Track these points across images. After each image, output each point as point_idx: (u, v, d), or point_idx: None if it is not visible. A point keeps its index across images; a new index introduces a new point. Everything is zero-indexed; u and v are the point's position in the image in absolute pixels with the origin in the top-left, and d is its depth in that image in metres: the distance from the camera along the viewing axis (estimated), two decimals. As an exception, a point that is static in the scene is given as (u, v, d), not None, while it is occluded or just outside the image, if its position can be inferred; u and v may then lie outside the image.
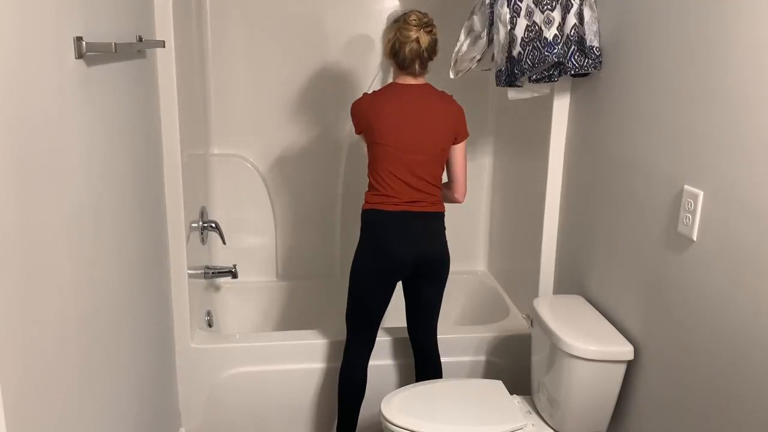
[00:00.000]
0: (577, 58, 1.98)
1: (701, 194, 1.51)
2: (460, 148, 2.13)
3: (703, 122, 1.51)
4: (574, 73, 2.04)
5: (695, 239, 1.54)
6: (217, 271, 2.66)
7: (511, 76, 2.08)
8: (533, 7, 2.00)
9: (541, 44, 1.99)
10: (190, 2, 2.38)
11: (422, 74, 2.08)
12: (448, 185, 2.19)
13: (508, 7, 2.01)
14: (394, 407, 1.93)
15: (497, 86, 2.18)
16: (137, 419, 1.71)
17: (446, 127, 2.08)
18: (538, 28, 1.99)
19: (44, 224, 1.11)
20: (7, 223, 0.97)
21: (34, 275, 1.06)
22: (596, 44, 1.96)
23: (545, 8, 1.99)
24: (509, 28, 2.02)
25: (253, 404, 2.39)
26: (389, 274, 2.09)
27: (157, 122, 1.99)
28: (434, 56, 2.07)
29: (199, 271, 2.48)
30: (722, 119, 1.44)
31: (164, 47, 1.89)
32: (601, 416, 1.89)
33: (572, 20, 1.96)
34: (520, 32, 2.01)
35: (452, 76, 2.28)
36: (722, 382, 1.46)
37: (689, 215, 1.55)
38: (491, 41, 2.14)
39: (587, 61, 1.97)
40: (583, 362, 1.80)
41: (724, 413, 1.46)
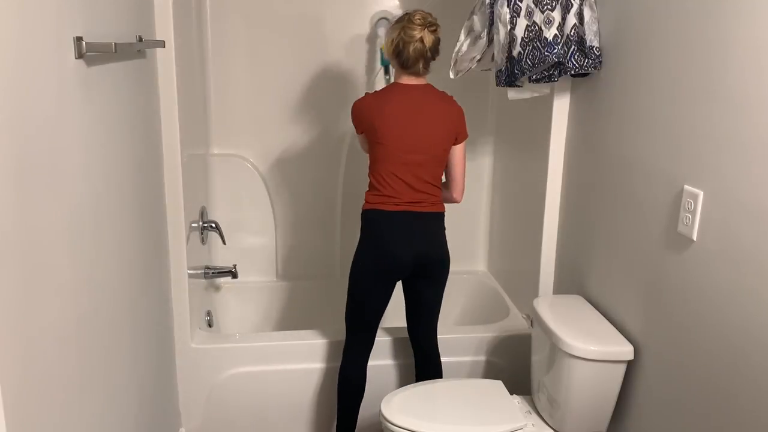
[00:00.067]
0: (577, 58, 1.98)
1: (701, 194, 1.51)
2: (459, 148, 2.13)
3: (703, 122, 1.51)
4: (574, 73, 2.04)
5: (695, 239, 1.54)
6: (217, 271, 2.66)
7: (511, 76, 2.08)
8: (533, 7, 2.00)
9: (541, 44, 1.99)
10: (190, 2, 2.38)
11: (425, 74, 2.08)
12: (446, 185, 2.19)
13: (508, 7, 2.01)
14: (394, 407, 1.93)
15: (497, 86, 2.18)
16: (137, 419, 1.71)
17: (448, 127, 2.08)
18: (538, 28, 1.99)
19: (44, 224, 1.11)
20: (6, 223, 0.97)
21: (33, 275, 1.06)
22: (596, 44, 1.96)
23: (545, 8, 1.99)
24: (509, 28, 2.02)
25: (253, 404, 2.39)
26: (389, 274, 2.09)
27: (157, 122, 1.99)
28: (437, 56, 2.07)
29: (199, 271, 2.48)
30: (722, 119, 1.44)
31: (164, 47, 1.89)
32: (601, 416, 1.89)
33: (572, 20, 1.96)
34: (520, 32, 2.01)
35: (452, 76, 2.28)
36: (722, 382, 1.46)
37: (689, 215, 1.55)
38: (491, 41, 2.14)
39: (587, 61, 1.97)
40: (583, 362, 1.80)
41: (724, 413, 1.46)
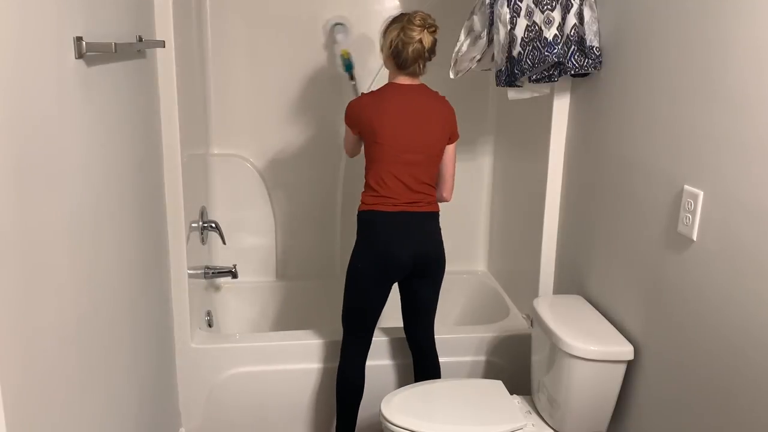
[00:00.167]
0: (577, 58, 1.98)
1: (701, 194, 1.51)
2: (451, 148, 2.16)
3: (703, 122, 1.51)
4: (574, 73, 2.04)
5: (695, 239, 1.54)
6: (217, 271, 2.66)
7: (511, 76, 2.08)
8: (533, 7, 2.00)
9: (541, 44, 1.99)
10: (190, 2, 2.38)
11: (421, 74, 2.09)
12: (437, 184, 2.20)
13: (508, 7, 2.01)
14: (394, 407, 1.93)
15: (497, 86, 2.18)
16: (137, 419, 1.71)
17: (443, 127, 2.10)
18: (538, 28, 1.99)
19: (44, 224, 1.11)
20: (6, 223, 0.97)
21: (33, 275, 1.06)
22: (596, 44, 1.96)
23: (545, 8, 1.99)
24: (509, 28, 2.02)
25: (253, 404, 2.39)
26: (388, 275, 2.09)
27: (157, 122, 1.99)
28: (433, 56, 2.07)
29: (199, 271, 2.48)
30: (722, 119, 1.44)
31: (164, 47, 1.89)
32: (601, 416, 1.89)
33: (572, 20, 1.96)
34: (520, 32, 2.01)
35: (452, 76, 2.28)
36: (722, 382, 1.46)
37: (689, 215, 1.55)
38: (491, 41, 2.14)
39: (587, 61, 1.97)
40: (583, 362, 1.80)
41: (724, 413, 1.46)
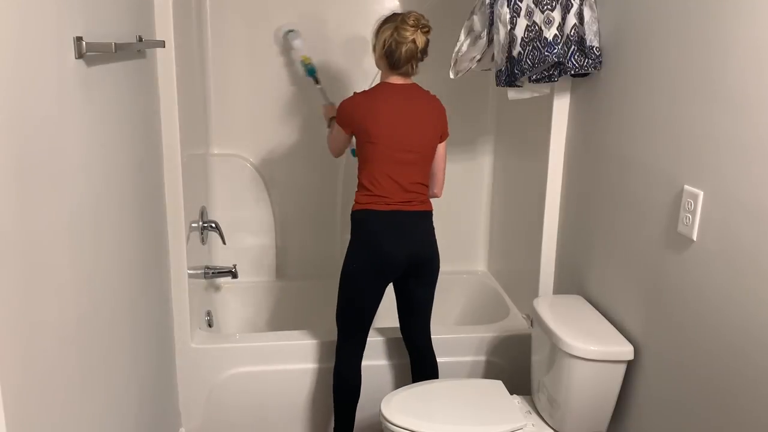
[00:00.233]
0: (577, 58, 1.98)
1: (701, 194, 1.51)
2: (442, 146, 2.18)
3: (703, 122, 1.51)
4: (574, 73, 2.04)
5: (695, 239, 1.54)
6: (217, 271, 2.66)
7: (511, 76, 2.08)
8: (533, 7, 2.00)
9: (541, 44, 1.99)
10: (190, 2, 2.38)
11: (413, 74, 2.10)
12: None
13: (508, 7, 2.01)
14: (393, 407, 1.93)
15: (497, 86, 2.18)
16: (137, 419, 1.71)
17: (435, 126, 2.11)
18: (538, 28, 1.99)
19: (44, 224, 1.11)
20: (6, 223, 0.97)
21: (33, 275, 1.06)
22: (596, 44, 1.96)
23: (545, 8, 1.99)
24: (509, 28, 2.02)
25: (253, 404, 2.39)
26: (383, 274, 2.09)
27: (157, 122, 1.99)
28: (426, 57, 2.08)
29: (199, 271, 2.48)
30: (722, 119, 1.44)
31: (164, 47, 1.89)
32: (601, 416, 1.89)
33: (572, 20, 1.96)
34: (520, 32, 2.01)
35: (452, 76, 2.28)
36: (722, 382, 1.46)
37: (689, 215, 1.55)
38: (491, 41, 2.14)
39: (587, 61, 1.97)
40: (583, 362, 1.80)
41: (724, 413, 1.46)
